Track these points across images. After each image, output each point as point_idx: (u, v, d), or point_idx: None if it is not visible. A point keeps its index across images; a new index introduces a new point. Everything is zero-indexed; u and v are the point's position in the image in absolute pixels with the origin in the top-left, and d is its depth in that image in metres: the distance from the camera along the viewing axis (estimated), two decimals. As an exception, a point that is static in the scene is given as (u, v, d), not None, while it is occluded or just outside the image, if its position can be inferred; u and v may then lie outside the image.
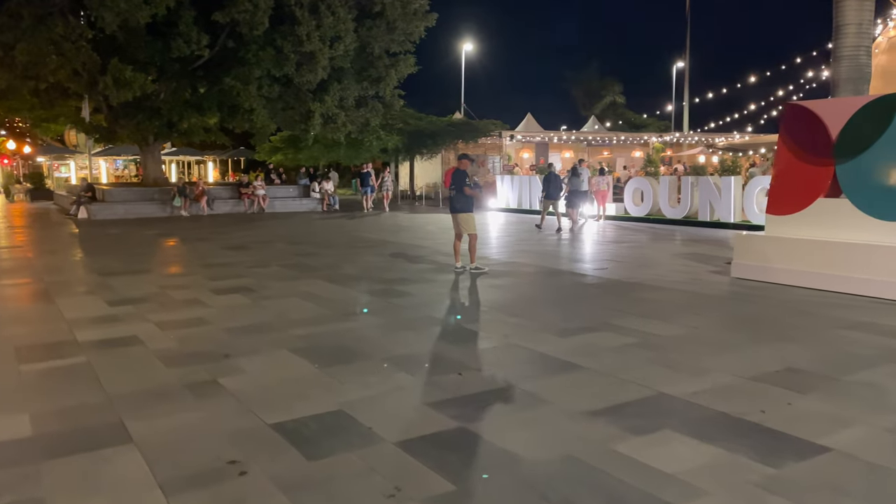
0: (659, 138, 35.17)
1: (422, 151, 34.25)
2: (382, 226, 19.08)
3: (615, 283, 9.16)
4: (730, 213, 17.45)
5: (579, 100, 56.65)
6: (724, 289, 8.57)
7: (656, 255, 12.31)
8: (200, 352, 5.98)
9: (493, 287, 8.98)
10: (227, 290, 8.92)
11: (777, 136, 25.66)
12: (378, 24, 26.57)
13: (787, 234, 8.75)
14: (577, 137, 35.83)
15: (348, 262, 11.54)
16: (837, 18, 9.34)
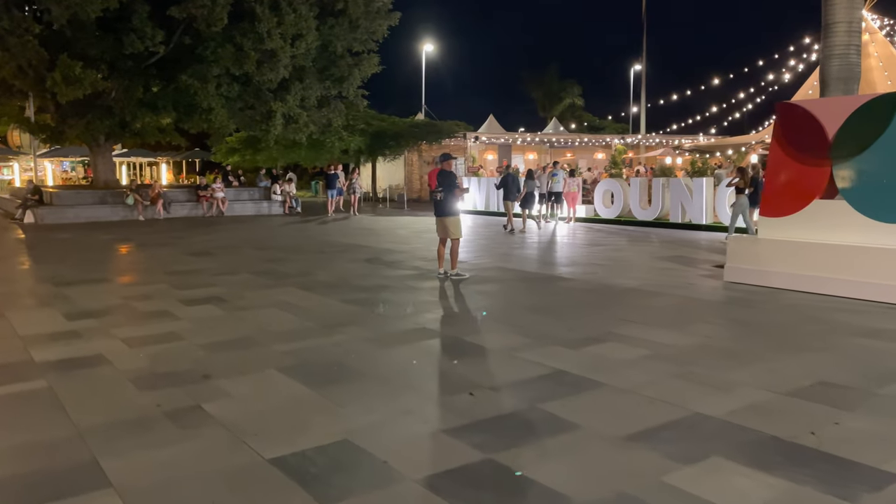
0: (621, 140, 35.27)
1: (384, 153, 33.69)
2: (351, 229, 18.48)
3: (607, 289, 8.81)
4: (702, 214, 17.38)
5: (539, 101, 56.74)
6: (722, 293, 8.30)
7: (638, 258, 12.05)
8: (177, 372, 5.39)
9: (481, 294, 8.54)
10: (197, 301, 8.28)
11: (743, 137, 25.84)
12: (340, 22, 25.95)
13: (783, 236, 8.52)
14: (541, 139, 35.69)
15: (322, 268, 10.97)
16: (827, 17, 9.19)
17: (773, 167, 8.75)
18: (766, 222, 8.80)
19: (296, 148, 31.54)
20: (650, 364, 5.41)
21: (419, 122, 34.08)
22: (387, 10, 27.00)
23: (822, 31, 9.30)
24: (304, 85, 25.57)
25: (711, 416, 4.28)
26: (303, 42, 24.14)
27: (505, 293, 8.63)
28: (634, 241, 15.05)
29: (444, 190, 9.55)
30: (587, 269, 10.52)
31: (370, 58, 26.45)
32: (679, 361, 5.46)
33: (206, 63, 23.20)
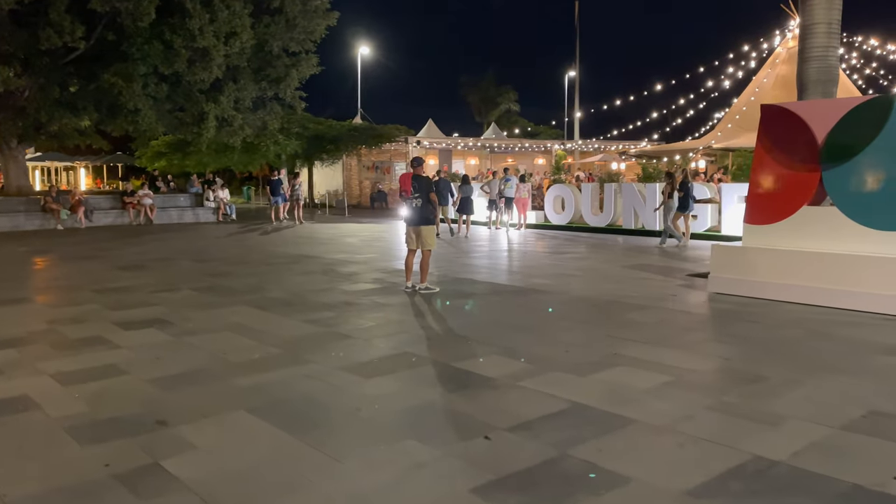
0: (561, 146, 35.25)
1: (322, 157, 32.61)
2: (296, 238, 17.45)
3: (588, 302, 8.25)
4: (655, 220, 17.16)
5: (475, 106, 56.51)
6: (712, 306, 7.85)
7: (606, 266, 11.60)
8: (124, 418, 4.48)
9: (458, 311, 7.84)
10: (136, 324, 7.27)
11: (690, 142, 26.01)
12: (277, 20, 24.84)
13: (769, 244, 8.17)
14: (483, 144, 35.30)
15: (273, 283, 10.04)
16: (805, 17, 8.94)
17: (757, 172, 8.40)
18: (750, 230, 8.44)
19: (228, 152, 30.10)
20: (676, 393, 4.82)
21: (358, 125, 33.14)
22: (325, 10, 26.02)
23: (800, 32, 9.06)
24: (239, 86, 24.33)
25: (775, 460, 3.70)
26: (237, 40, 22.92)
27: (483, 309, 7.95)
28: (594, 248, 14.64)
29: (422, 196, 8.81)
30: (560, 281, 9.97)
31: (309, 58, 25.41)
32: (706, 389, 4.90)
33: (132, 61, 21.70)
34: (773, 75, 23.89)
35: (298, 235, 18.12)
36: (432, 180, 9.24)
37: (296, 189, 21.24)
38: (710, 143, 22.05)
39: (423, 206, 8.88)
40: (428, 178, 9.14)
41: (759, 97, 23.48)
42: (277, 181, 22.20)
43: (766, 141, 8.28)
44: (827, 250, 7.66)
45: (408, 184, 8.91)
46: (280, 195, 21.77)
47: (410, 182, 8.91)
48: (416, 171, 9.04)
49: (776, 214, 8.16)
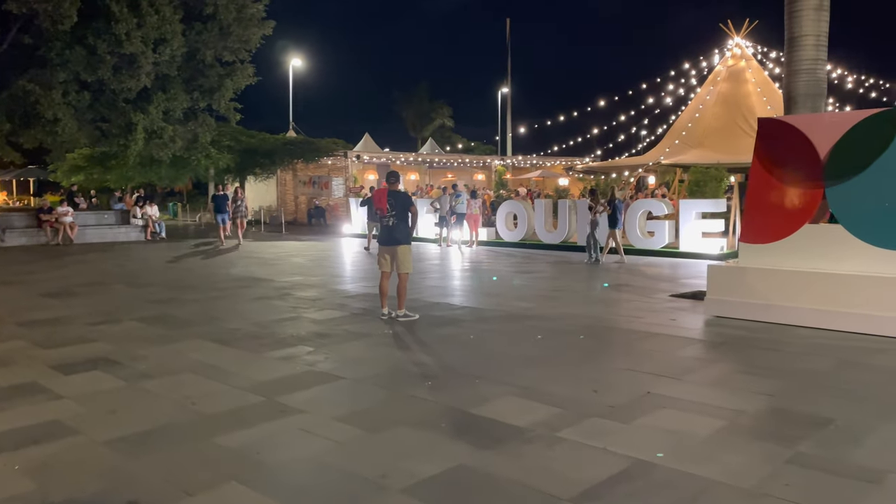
0: (501, 161, 34.99)
1: (255, 171, 31.21)
2: (240, 259, 16.26)
3: (587, 329, 7.64)
4: (611, 237, 16.83)
5: (409, 121, 55.89)
6: (718, 332, 7.36)
7: (582, 286, 11.08)
8: (85, 500, 3.53)
9: (448, 341, 7.08)
10: (77, 365, 6.20)
11: (639, 158, 26.06)
12: (210, 27, 23.56)
13: (768, 264, 7.78)
14: (423, 159, 34.63)
15: (228, 311, 9.02)
16: (793, 30, 8.69)
17: (754, 189, 8.02)
18: (747, 249, 8.03)
19: (154, 166, 28.35)
20: (741, 442, 4.22)
21: (294, 139, 31.93)
22: (260, 18, 24.87)
23: (786, 45, 8.80)
24: (169, 95, 22.89)
25: (909, 532, 3.12)
26: (167, 47, 21.59)
27: (476, 338, 7.21)
28: (557, 267, 14.14)
29: (398, 214, 8.03)
30: (544, 304, 9.34)
31: (244, 68, 24.20)
32: (772, 436, 4.32)
33: (51, 67, 20.08)
34: (715, 93, 24.27)
35: (240, 255, 16.93)
36: (410, 196, 8.46)
37: (240, 205, 19.60)
38: (658, 160, 22.13)
39: (399, 224, 8.10)
40: (406, 195, 8.38)
41: (703, 114, 23.80)
42: (223, 197, 20.14)
43: (763, 156, 7.91)
44: (833, 270, 7.31)
45: (383, 200, 8.11)
46: (226, 212, 19.80)
47: (385, 198, 8.11)
48: (391, 186, 8.25)
49: (776, 233, 7.79)
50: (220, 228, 19.73)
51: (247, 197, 20.96)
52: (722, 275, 8.14)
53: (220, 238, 19.67)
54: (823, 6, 8.56)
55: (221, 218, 19.65)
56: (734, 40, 25.28)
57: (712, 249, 15.20)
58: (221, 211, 19.65)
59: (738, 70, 24.55)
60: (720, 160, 20.25)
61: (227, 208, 19.62)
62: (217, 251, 17.95)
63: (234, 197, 19.96)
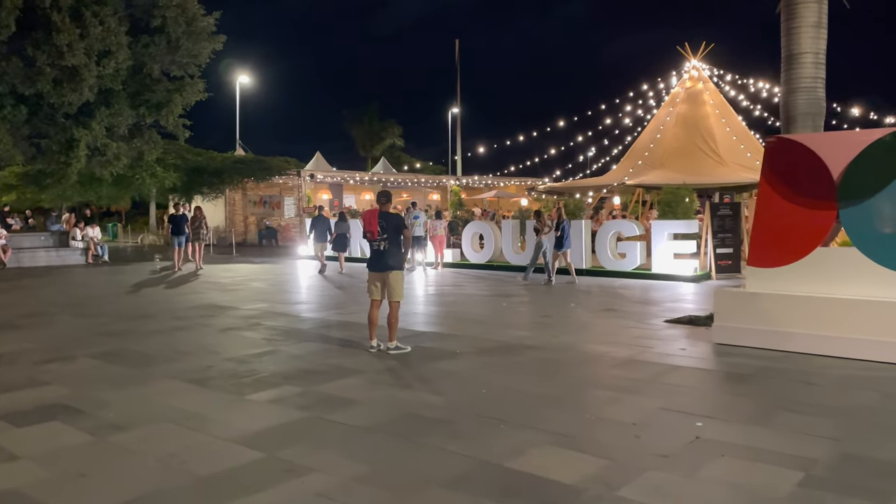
0: (457, 181, 34.61)
1: (202, 191, 29.97)
2: (193, 284, 15.25)
3: (599, 360, 7.12)
4: (581, 259, 16.51)
5: (359, 141, 55.12)
6: (737, 362, 6.92)
7: (568, 312, 10.58)
8: None
9: (452, 378, 6.45)
10: (30, 415, 5.34)
11: (601, 179, 25.95)
12: (157, 41, 22.54)
13: (780, 289, 7.43)
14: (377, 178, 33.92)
15: (194, 344, 8.18)
16: (791, 47, 8.47)
17: (763, 210, 7.69)
18: (756, 274, 7.68)
19: (95, 185, 26.92)
20: (833, 501, 3.71)
21: (244, 157, 30.85)
22: (210, 32, 23.94)
23: (784, 62, 8.58)
24: (113, 111, 21.73)
25: None
26: (112, 60, 20.53)
27: (484, 374, 6.59)
28: (532, 289, 13.65)
29: (390, 237, 7.38)
30: (540, 333, 8.80)
31: (195, 83, 23.18)
32: (863, 492, 3.83)
33: (-16, 79, 18.73)
34: (675, 114, 24.45)
35: (196, 280, 15.90)
36: (403, 218, 7.83)
37: (200, 226, 18.27)
38: (623, 180, 22.07)
39: (391, 248, 7.45)
40: (398, 217, 7.74)
41: (664, 135, 23.91)
42: (181, 218, 18.26)
43: (772, 176, 7.59)
44: (850, 295, 6.99)
45: (373, 223, 7.46)
46: (184, 234, 17.98)
47: (376, 220, 7.46)
48: (382, 207, 7.61)
49: (786, 256, 7.45)
50: (175, 251, 18.05)
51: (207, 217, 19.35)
52: (731, 300, 7.75)
53: (176, 262, 18.08)
54: (822, 23, 8.38)
55: (178, 240, 17.98)
56: (691, 62, 25.60)
57: (685, 271, 14.99)
58: (179, 233, 17.98)
59: (697, 92, 24.83)
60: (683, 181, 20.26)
61: (185, 230, 18.06)
62: (172, 276, 16.85)
63: (194, 217, 18.46)
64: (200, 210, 18.84)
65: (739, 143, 23.55)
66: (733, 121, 24.57)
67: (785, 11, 8.55)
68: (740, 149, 23.28)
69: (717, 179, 19.47)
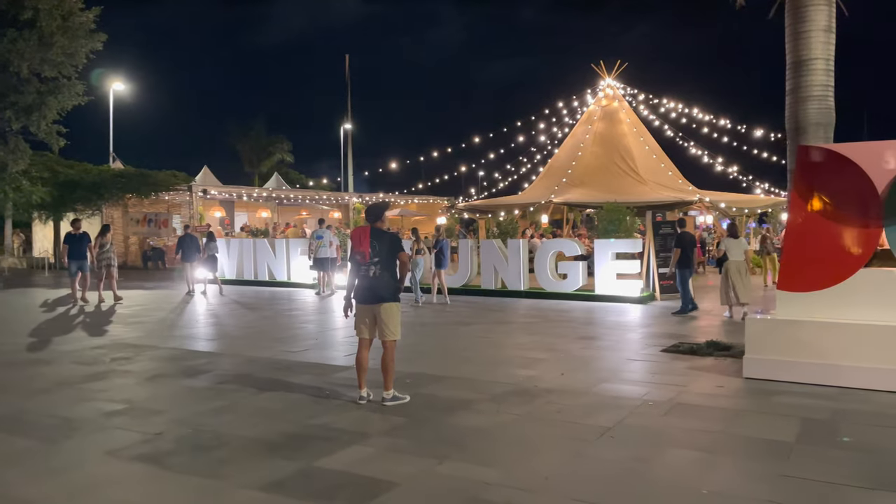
0: (360, 198, 33.02)
1: (75, 208, 26.69)
2: (94, 317, 12.91)
3: (637, 406, 6.01)
4: (519, 280, 15.59)
5: (245, 156, 52.11)
6: (799, 403, 6.02)
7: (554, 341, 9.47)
8: None
9: (487, 439, 5.13)
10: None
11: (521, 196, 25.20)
12: (27, 36, 19.75)
13: (820, 316, 6.69)
14: (276, 195, 31.67)
15: (122, 398, 6.36)
16: (799, 53, 7.87)
17: (795, 228, 6.94)
18: (789, 299, 6.89)
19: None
20: None
21: (125, 171, 27.83)
22: (88, 29, 21.34)
23: (792, 69, 7.98)
24: (-31, 114, 18.68)
25: None
26: (-31, 56, 17.58)
27: (524, 432, 5.31)
28: (490, 315, 12.48)
29: (383, 261, 5.97)
30: (543, 370, 7.59)
31: (72, 85, 20.48)
32: None
33: None
34: (593, 132, 24.26)
35: (83, 311, 13.51)
36: (400, 238, 6.42)
37: (107, 250, 15.37)
38: (550, 198, 21.44)
39: (384, 275, 6.04)
40: (395, 236, 6.32)
41: (584, 152, 23.62)
42: (81, 237, 14.65)
43: (805, 190, 6.87)
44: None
45: (364, 243, 6.02)
46: (85, 258, 14.54)
47: (367, 240, 6.04)
48: (374, 224, 6.19)
49: (824, 279, 6.73)
50: (73, 280, 14.53)
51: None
52: (764, 330, 6.90)
53: (75, 293, 14.56)
54: (832, 27, 7.87)
55: (79, 265, 14.49)
56: (606, 81, 25.62)
57: (631, 292, 14.37)
58: (80, 256, 14.51)
59: (613, 110, 24.82)
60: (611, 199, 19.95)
61: (86, 253, 14.70)
62: (66, 310, 14.28)
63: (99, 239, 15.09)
64: (109, 229, 15.79)
65: (659, 162, 23.69)
66: (650, 139, 24.75)
67: (792, 14, 7.97)
68: (660, 167, 23.41)
69: (638, 198, 19.24)
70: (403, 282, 6.27)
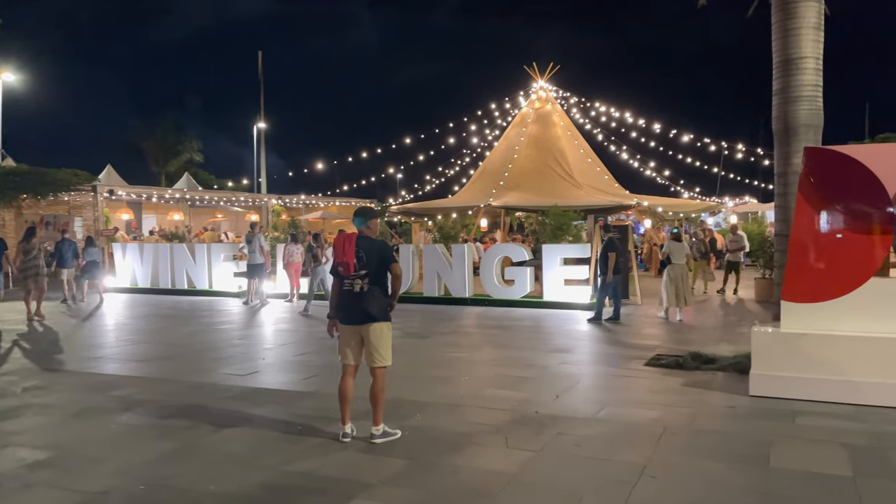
0: (279, 200, 31.44)
1: (-42, 210, 23.98)
2: (10, 336, 11.24)
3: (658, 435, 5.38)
4: (464, 287, 14.88)
5: (151, 155, 48.99)
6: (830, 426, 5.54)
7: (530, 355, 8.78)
8: None
9: (515, 484, 4.34)
10: None
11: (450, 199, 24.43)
12: None
13: (831, 329, 6.29)
14: (191, 197, 29.63)
15: (47, 442, 5.19)
16: (788, 51, 7.51)
17: (800, 234, 6.51)
18: (794, 310, 6.46)
19: None
20: None
21: (18, 168, 25.24)
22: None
23: (780, 68, 7.61)
24: None
25: None
26: None
27: (553, 477, 4.55)
28: (436, 325, 11.68)
29: (372, 274, 5.09)
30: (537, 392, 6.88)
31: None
32: None
33: None
34: (527, 134, 23.82)
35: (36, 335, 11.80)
36: (386, 244, 5.50)
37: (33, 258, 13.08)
38: (488, 201, 20.78)
39: (372, 290, 5.15)
40: (383, 245, 5.40)
41: (519, 155, 23.16)
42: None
43: (812, 194, 6.46)
44: (915, 334, 5.98)
45: (349, 252, 5.11)
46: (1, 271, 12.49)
47: (353, 249, 5.14)
48: (361, 230, 5.29)
49: (832, 289, 6.34)
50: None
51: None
52: (773, 343, 6.44)
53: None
54: (821, 25, 7.56)
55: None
56: (539, 83, 25.30)
57: (580, 298, 13.92)
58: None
59: (546, 113, 24.50)
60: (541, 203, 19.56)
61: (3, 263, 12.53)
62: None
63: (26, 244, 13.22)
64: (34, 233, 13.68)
65: (594, 166, 23.53)
66: (584, 143, 24.62)
67: (780, 11, 7.61)
68: (596, 171, 23.24)
69: (575, 202, 18.94)
70: (396, 298, 5.38)
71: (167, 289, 18.07)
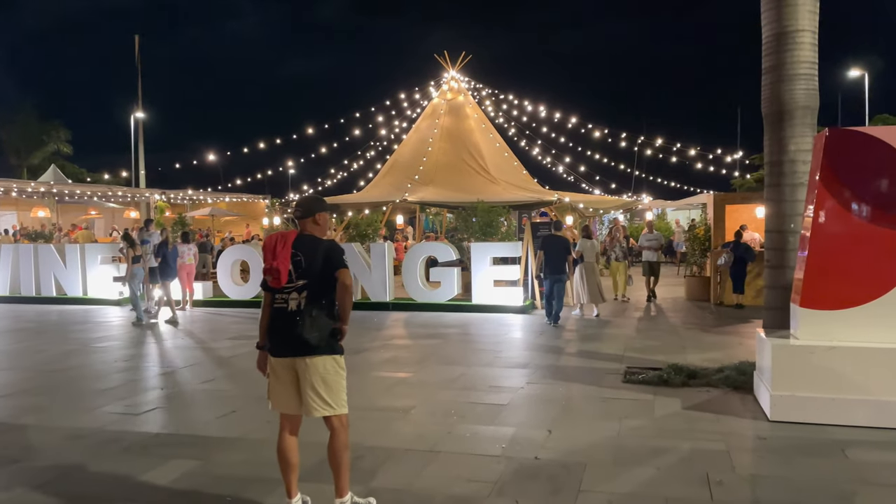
0: (162, 196, 28.56)
1: None
2: None
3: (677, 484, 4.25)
4: (384, 290, 13.47)
5: (10, 146, 43.87)
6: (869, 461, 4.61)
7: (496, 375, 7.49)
8: None
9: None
10: None
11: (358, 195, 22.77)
12: None
13: (860, 340, 5.39)
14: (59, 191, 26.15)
15: None
16: (784, 23, 6.60)
17: (820, 229, 5.58)
18: (812, 318, 5.53)
19: None
20: None
21: None
22: None
23: (772, 42, 6.68)
24: None
25: None
26: None
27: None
28: (364, 336, 10.17)
29: (313, 286, 3.66)
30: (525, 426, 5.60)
31: None
32: None
33: None
34: (440, 126, 22.48)
35: None
36: (337, 245, 3.99)
37: None
38: (404, 196, 19.25)
39: (312, 310, 3.63)
40: (332, 244, 3.88)
41: (433, 148, 21.81)
42: None
43: (834, 182, 5.54)
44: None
45: (281, 256, 3.61)
46: None
47: (287, 253, 3.66)
48: (304, 228, 3.81)
49: (857, 294, 5.46)
50: None
51: None
52: (794, 360, 5.46)
53: None
54: (817, -2, 6.74)
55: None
56: (450, 73, 24.07)
57: (512, 300, 12.85)
58: None
59: (458, 105, 23.29)
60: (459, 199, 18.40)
61: None
62: None
63: None
64: None
65: (511, 161, 22.55)
66: (498, 137, 23.64)
67: (774, -23, 6.70)
68: (513, 166, 22.26)
69: (493, 198, 17.89)
70: (346, 319, 3.86)
71: (31, 297, 15.48)
